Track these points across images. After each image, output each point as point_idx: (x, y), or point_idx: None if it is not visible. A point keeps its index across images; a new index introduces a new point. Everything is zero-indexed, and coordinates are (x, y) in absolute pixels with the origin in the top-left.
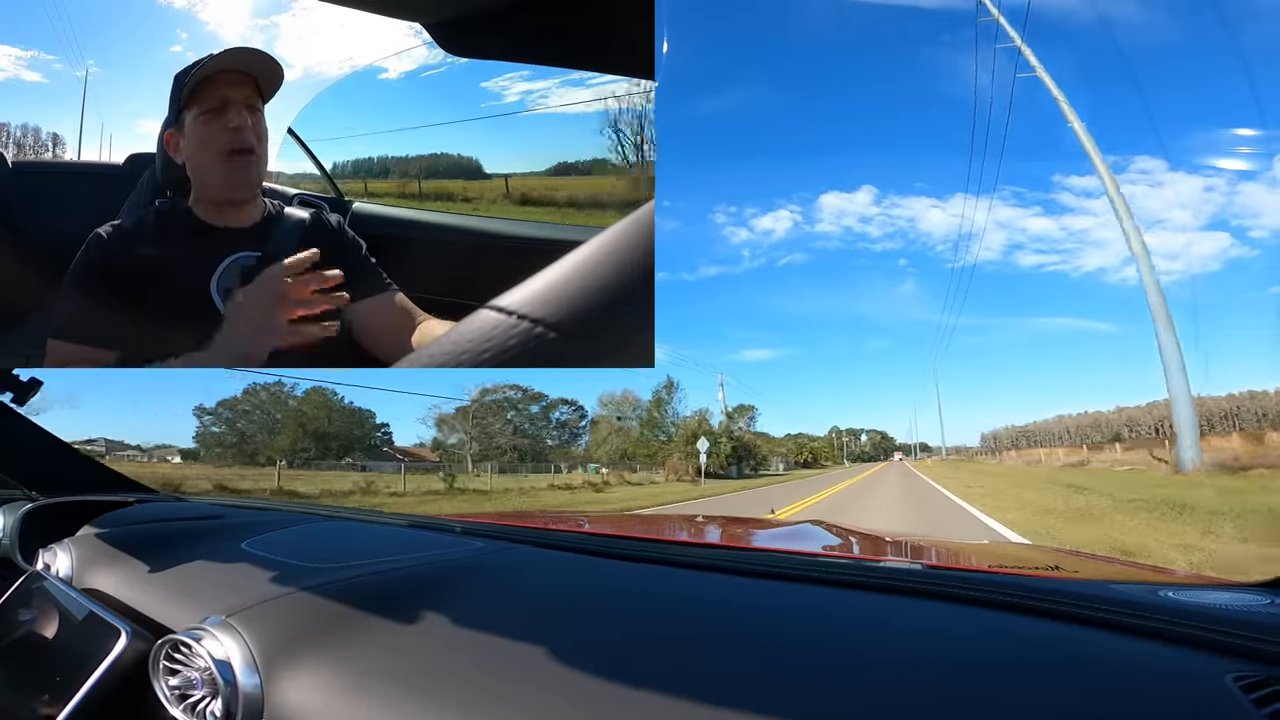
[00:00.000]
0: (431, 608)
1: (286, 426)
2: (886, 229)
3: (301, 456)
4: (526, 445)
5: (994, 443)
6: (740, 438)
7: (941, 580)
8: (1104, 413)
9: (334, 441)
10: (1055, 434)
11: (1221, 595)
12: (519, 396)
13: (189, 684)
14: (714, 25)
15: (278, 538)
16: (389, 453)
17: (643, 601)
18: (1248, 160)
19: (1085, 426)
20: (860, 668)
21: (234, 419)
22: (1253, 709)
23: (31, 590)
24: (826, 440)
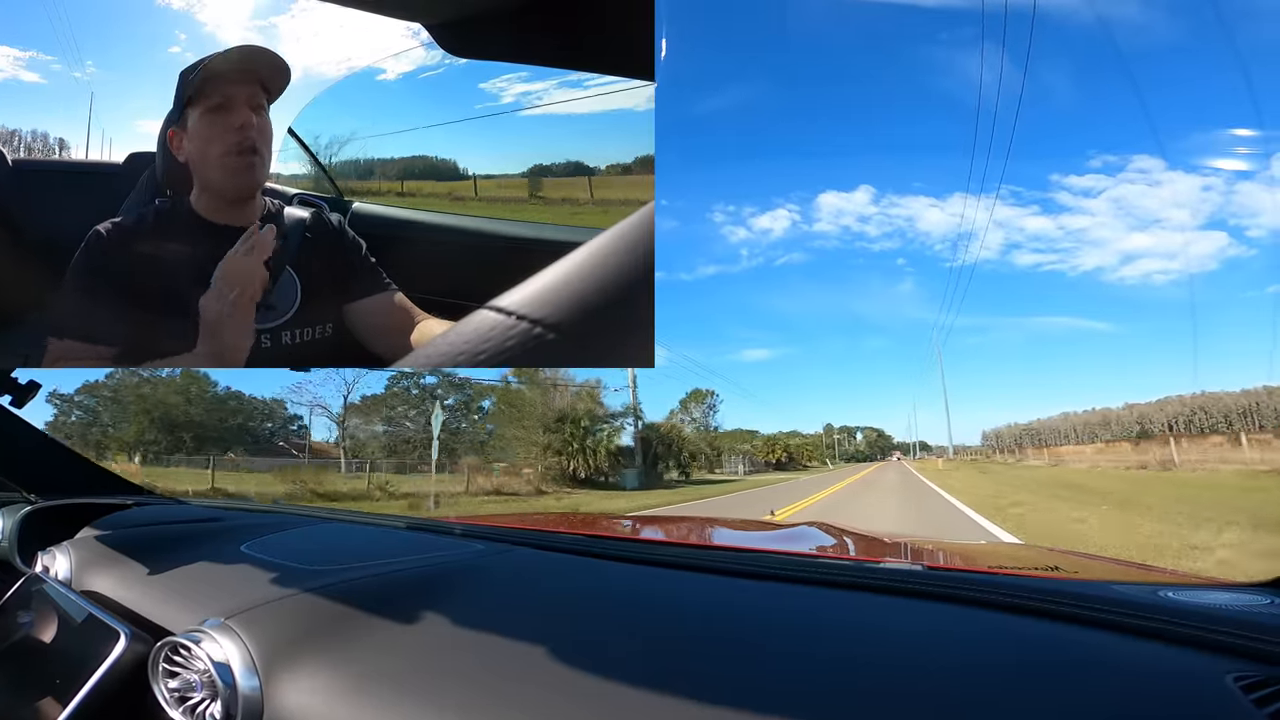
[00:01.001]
0: (431, 609)
1: (133, 416)
2: (885, 228)
3: (153, 449)
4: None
5: (996, 441)
6: (662, 429)
7: (942, 581)
8: (1113, 409)
9: (191, 432)
10: (1061, 431)
11: (1221, 595)
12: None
13: (188, 686)
14: (713, 24)
15: (276, 540)
16: (284, 447)
17: (642, 603)
18: (1245, 160)
19: (1094, 424)
20: (861, 669)
21: (84, 406)
22: (1253, 709)
23: (31, 593)
24: (816, 439)
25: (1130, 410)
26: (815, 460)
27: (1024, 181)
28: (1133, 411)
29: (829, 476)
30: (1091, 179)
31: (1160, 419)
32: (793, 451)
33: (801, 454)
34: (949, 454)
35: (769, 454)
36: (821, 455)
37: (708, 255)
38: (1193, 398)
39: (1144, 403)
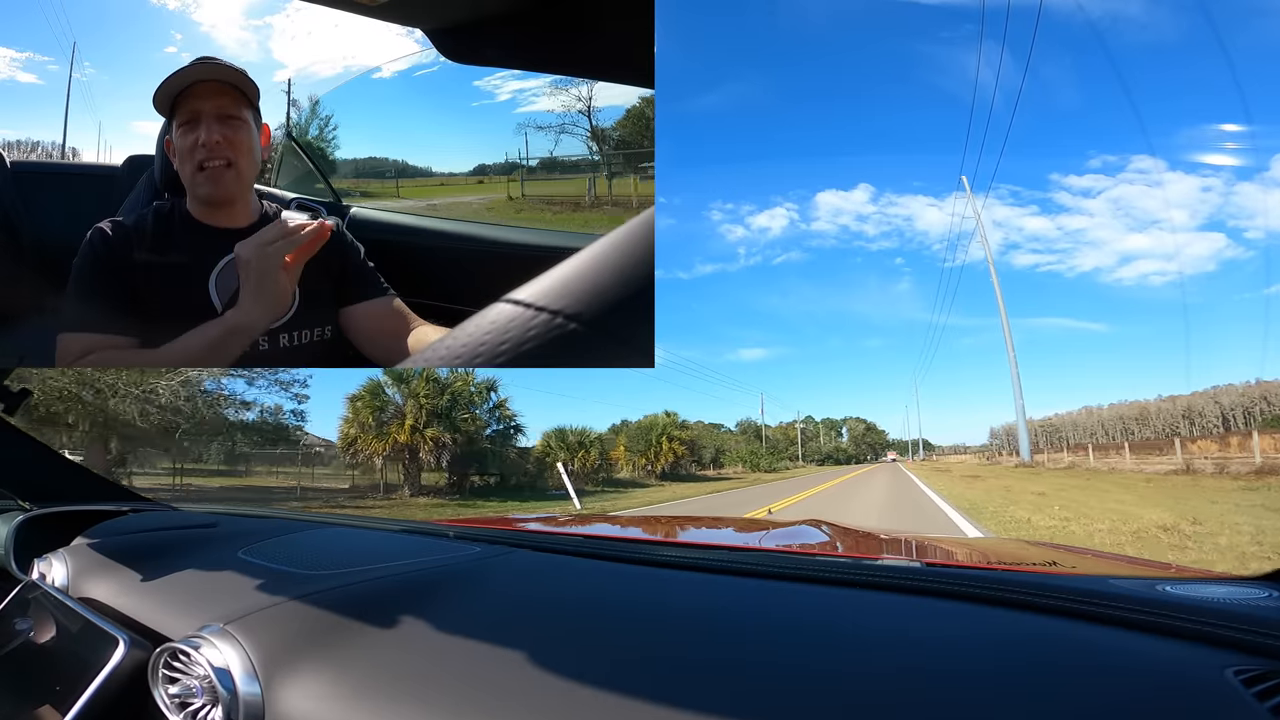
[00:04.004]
0: (432, 613)
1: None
2: (883, 227)
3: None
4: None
5: (1006, 440)
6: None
7: (940, 578)
8: (1148, 402)
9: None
10: (1086, 428)
11: (1220, 589)
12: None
13: (189, 692)
14: (712, 24)
15: (274, 545)
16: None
17: (640, 604)
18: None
19: (1128, 418)
20: (859, 666)
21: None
22: (1254, 702)
23: (28, 600)
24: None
25: (1172, 402)
26: (751, 461)
27: (1023, 181)
28: (1175, 404)
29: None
30: (1090, 179)
31: (1213, 411)
32: (699, 450)
33: (713, 453)
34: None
35: (650, 455)
36: (755, 456)
37: (705, 253)
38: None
39: (1186, 394)
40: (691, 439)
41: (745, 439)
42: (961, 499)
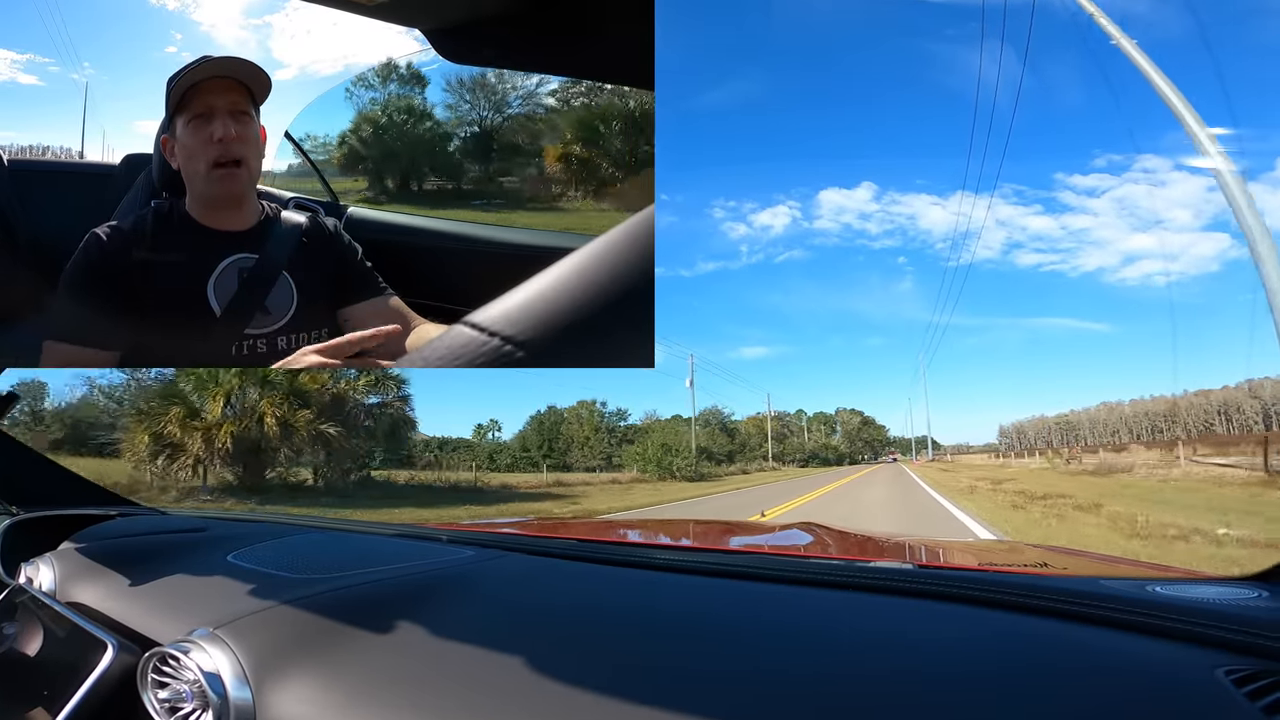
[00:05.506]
0: (424, 618)
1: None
2: (886, 226)
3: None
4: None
5: (1018, 438)
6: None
7: (933, 579)
8: (1177, 397)
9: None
10: (1107, 425)
11: (1211, 589)
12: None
13: (179, 697)
14: (713, 20)
15: (264, 549)
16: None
17: (635, 608)
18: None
19: (1155, 414)
20: (853, 668)
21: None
22: (1245, 702)
23: (15, 605)
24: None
25: (1203, 397)
26: (659, 462)
27: (1027, 180)
28: (1209, 398)
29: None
30: (1095, 178)
31: (1252, 407)
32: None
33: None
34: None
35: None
36: (668, 457)
37: (707, 251)
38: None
39: (1220, 389)
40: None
41: (708, 433)
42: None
